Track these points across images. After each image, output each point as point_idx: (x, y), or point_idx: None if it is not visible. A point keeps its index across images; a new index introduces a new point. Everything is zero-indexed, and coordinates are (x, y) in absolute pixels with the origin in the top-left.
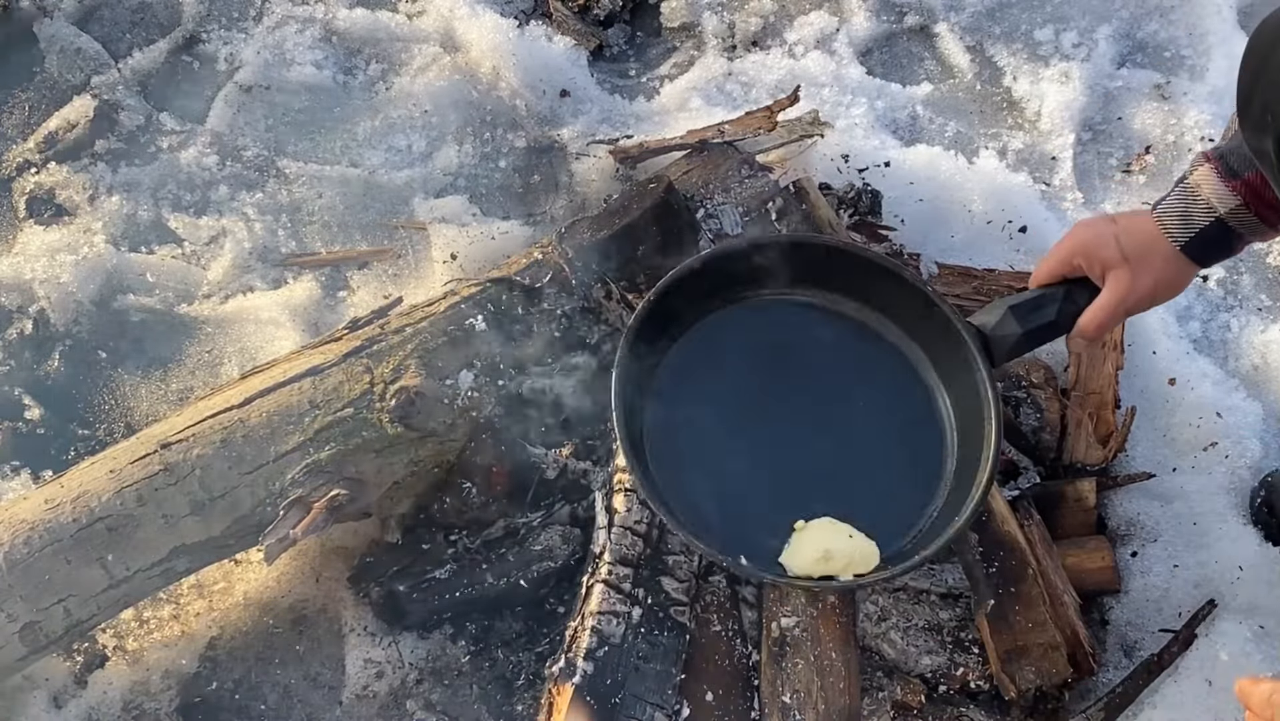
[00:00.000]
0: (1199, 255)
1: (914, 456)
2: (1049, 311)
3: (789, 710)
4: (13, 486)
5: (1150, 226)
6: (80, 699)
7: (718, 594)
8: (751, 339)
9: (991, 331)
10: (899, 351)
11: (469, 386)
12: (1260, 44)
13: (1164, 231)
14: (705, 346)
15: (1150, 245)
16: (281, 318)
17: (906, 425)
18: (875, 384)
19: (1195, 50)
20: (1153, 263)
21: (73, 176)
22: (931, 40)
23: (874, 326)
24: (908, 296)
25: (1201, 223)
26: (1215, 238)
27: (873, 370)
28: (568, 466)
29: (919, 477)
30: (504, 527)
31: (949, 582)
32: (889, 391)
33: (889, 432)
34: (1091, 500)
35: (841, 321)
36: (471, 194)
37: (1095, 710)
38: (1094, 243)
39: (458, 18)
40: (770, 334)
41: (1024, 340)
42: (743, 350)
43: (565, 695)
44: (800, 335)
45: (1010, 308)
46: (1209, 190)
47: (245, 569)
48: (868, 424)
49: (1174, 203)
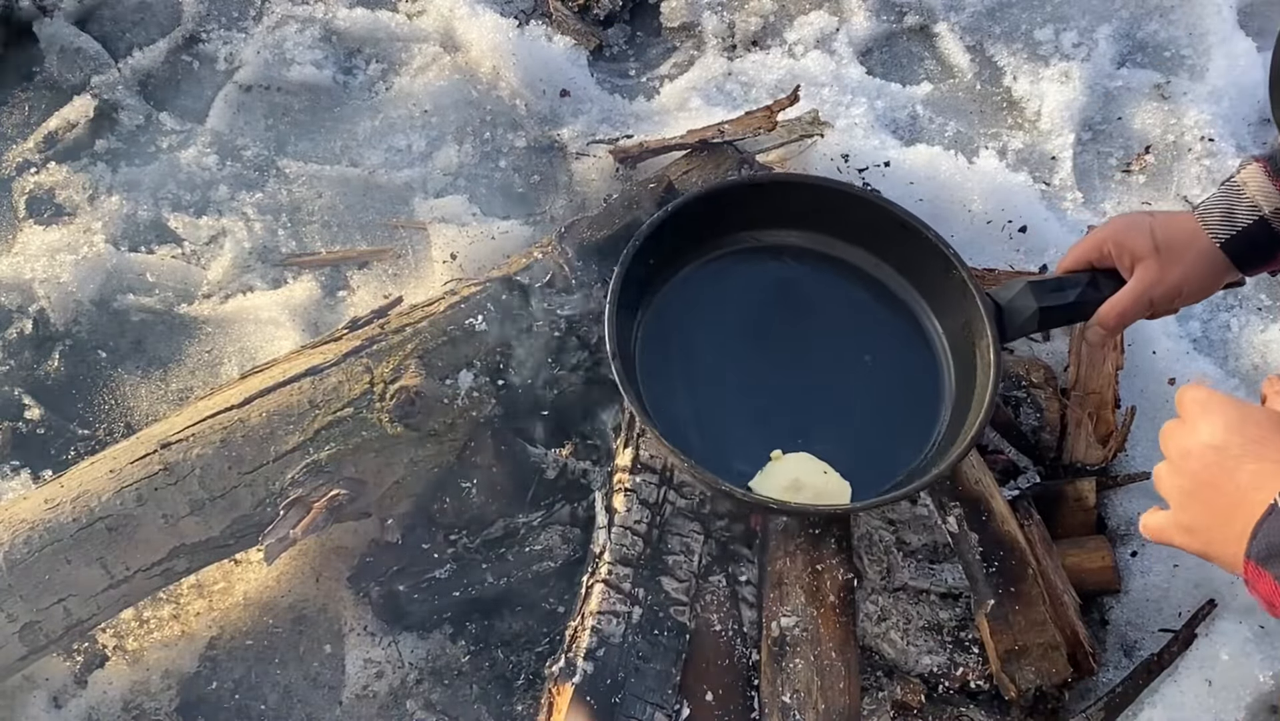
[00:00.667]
0: (1238, 254)
1: (906, 412)
2: (1069, 294)
3: (789, 710)
4: (13, 486)
5: (1189, 223)
6: (80, 699)
7: (718, 593)
8: (761, 279)
9: (1007, 303)
10: (908, 308)
11: (469, 386)
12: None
13: (1205, 228)
14: (715, 278)
15: (1186, 239)
16: (281, 318)
17: (905, 380)
18: (880, 336)
19: (1195, 50)
20: (1185, 256)
21: (73, 176)
22: (931, 40)
23: (887, 281)
24: (926, 255)
25: (1245, 220)
26: (1257, 238)
27: (880, 323)
28: (568, 466)
29: (907, 435)
30: (504, 527)
31: (949, 582)
32: (892, 345)
33: (886, 385)
34: (1091, 500)
35: (857, 273)
36: (471, 194)
37: (1095, 710)
38: (1127, 231)
39: (458, 17)
40: (781, 274)
41: (1039, 316)
42: (751, 287)
43: (565, 695)
44: (812, 281)
45: (1030, 283)
46: (1255, 188)
47: (245, 569)
48: (866, 373)
49: (1218, 200)
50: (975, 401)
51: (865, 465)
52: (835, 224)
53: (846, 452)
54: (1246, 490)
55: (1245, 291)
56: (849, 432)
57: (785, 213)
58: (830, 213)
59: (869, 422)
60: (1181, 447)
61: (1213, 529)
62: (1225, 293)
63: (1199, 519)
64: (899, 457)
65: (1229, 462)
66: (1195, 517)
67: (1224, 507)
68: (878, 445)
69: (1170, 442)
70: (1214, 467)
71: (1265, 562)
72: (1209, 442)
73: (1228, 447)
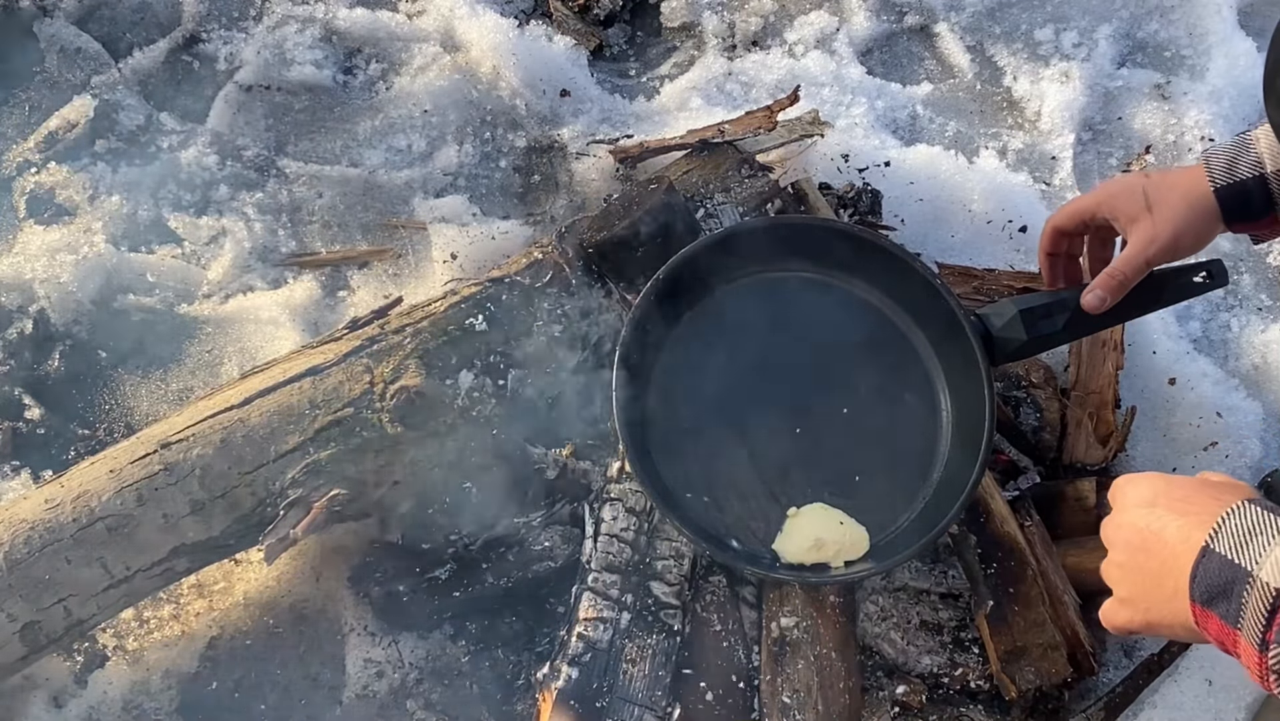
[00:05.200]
0: (1229, 205)
1: (909, 444)
2: (1057, 320)
3: (789, 710)
4: (13, 486)
5: (1181, 178)
6: (80, 699)
7: (718, 594)
8: (756, 317)
9: (998, 332)
10: (904, 338)
11: (469, 386)
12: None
13: (1206, 170)
14: (710, 324)
15: (1179, 193)
16: (281, 317)
17: (904, 412)
18: (876, 368)
19: (1195, 50)
20: (1178, 210)
21: (73, 176)
22: (931, 40)
23: (881, 310)
24: (915, 286)
25: (1246, 174)
26: (1253, 194)
27: (875, 354)
28: (568, 466)
29: (912, 466)
30: (504, 527)
31: (949, 582)
32: (890, 377)
33: (886, 418)
34: (1091, 500)
35: (851, 304)
36: (471, 194)
37: (1095, 710)
38: (1120, 195)
39: (458, 17)
40: (775, 312)
41: (1028, 346)
42: (746, 329)
43: (549, 700)
44: (806, 315)
45: (1020, 311)
46: (1265, 145)
47: (245, 569)
48: (865, 408)
49: (1226, 148)
50: (978, 433)
51: (875, 502)
52: (823, 256)
53: (855, 493)
54: (1175, 545)
55: (1245, 291)
56: (855, 472)
57: (779, 250)
58: (819, 245)
59: (873, 458)
60: (1114, 523)
61: (1149, 592)
62: (1225, 292)
63: (1135, 587)
64: (906, 489)
65: (1155, 524)
66: (1132, 587)
67: (1155, 570)
68: (884, 479)
69: (1107, 528)
70: (1144, 532)
71: (1209, 604)
72: (1136, 506)
73: (1154, 509)
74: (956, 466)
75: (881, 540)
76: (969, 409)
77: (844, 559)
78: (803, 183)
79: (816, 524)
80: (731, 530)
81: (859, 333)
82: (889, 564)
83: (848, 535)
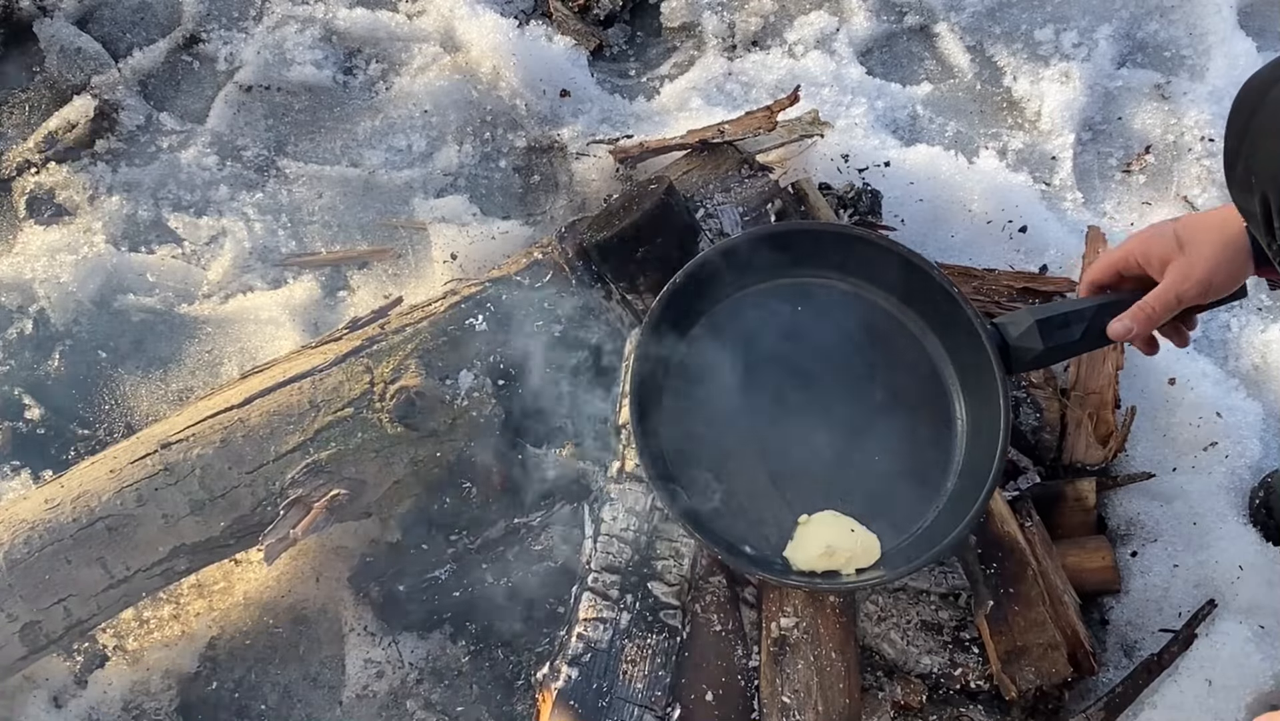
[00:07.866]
0: (1258, 246)
1: (923, 453)
2: (1074, 330)
3: (789, 710)
4: (13, 486)
5: (1212, 218)
6: (80, 699)
7: (718, 594)
8: (771, 324)
9: (1014, 341)
10: (920, 344)
11: (469, 386)
12: (1244, 104)
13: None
14: (725, 331)
15: (1213, 232)
16: (281, 317)
17: (919, 420)
18: (891, 376)
19: (1195, 50)
20: (1209, 249)
21: (73, 176)
22: (931, 40)
23: (897, 316)
24: (932, 293)
25: None
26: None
27: (890, 362)
28: (568, 466)
29: (926, 474)
30: (504, 527)
31: (949, 582)
32: (905, 385)
33: (901, 426)
34: (1091, 500)
35: (866, 310)
36: (471, 194)
37: (1095, 710)
38: (1152, 239)
39: (458, 17)
40: (790, 319)
41: (1045, 355)
42: (761, 335)
43: (549, 700)
44: (823, 321)
45: (1037, 321)
46: None
47: (245, 569)
48: (880, 416)
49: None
50: (992, 443)
51: (888, 510)
52: (839, 262)
53: (867, 500)
54: None
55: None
56: (868, 478)
57: (793, 256)
58: (835, 252)
59: (887, 465)
60: None
61: None
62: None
63: None
64: (919, 497)
65: None
66: None
67: None
68: (897, 486)
69: None
70: None
71: None
72: None
73: None
74: (970, 476)
75: (893, 548)
76: (984, 418)
77: (855, 566)
78: (803, 183)
79: (828, 531)
80: (744, 536)
81: (874, 340)
82: (900, 571)
83: (859, 542)
